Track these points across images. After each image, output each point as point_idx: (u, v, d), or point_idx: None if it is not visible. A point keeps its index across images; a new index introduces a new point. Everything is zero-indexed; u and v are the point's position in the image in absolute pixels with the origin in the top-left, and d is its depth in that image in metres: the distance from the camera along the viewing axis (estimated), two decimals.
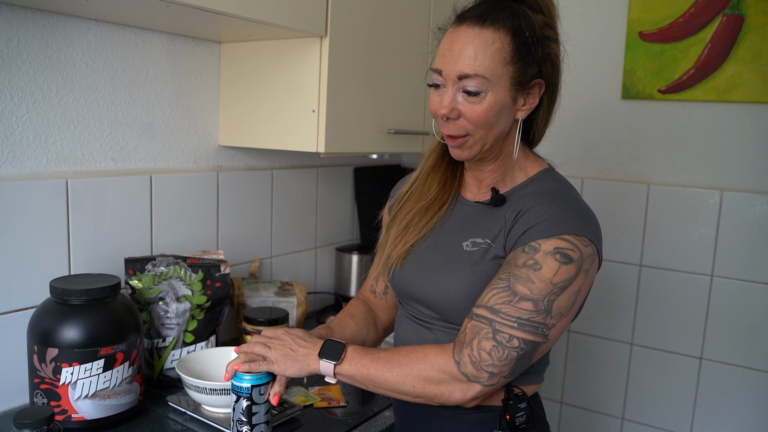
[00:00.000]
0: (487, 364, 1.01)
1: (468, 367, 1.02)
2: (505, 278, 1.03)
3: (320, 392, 1.52)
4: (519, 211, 1.09)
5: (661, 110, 2.17)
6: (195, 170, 1.74)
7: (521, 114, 1.11)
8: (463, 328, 1.06)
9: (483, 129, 1.08)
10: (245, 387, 1.11)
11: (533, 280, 1.01)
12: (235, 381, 1.12)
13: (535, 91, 1.11)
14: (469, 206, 1.20)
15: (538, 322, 1.01)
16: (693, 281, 2.14)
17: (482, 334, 1.02)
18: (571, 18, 2.25)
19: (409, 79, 1.85)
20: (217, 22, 1.43)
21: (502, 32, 1.04)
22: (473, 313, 1.05)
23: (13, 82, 1.33)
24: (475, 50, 1.04)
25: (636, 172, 2.23)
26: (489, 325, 1.02)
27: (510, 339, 1.01)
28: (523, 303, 1.01)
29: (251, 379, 1.11)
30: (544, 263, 1.01)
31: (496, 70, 1.04)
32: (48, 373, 1.22)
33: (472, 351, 1.02)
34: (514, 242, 1.06)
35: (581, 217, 1.06)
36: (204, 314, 1.52)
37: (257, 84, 1.69)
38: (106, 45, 1.49)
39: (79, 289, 1.25)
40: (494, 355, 1.01)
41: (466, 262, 1.12)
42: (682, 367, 2.19)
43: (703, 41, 2.06)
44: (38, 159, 1.40)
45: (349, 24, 1.60)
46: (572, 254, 1.02)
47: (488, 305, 1.03)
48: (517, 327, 1.01)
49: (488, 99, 1.05)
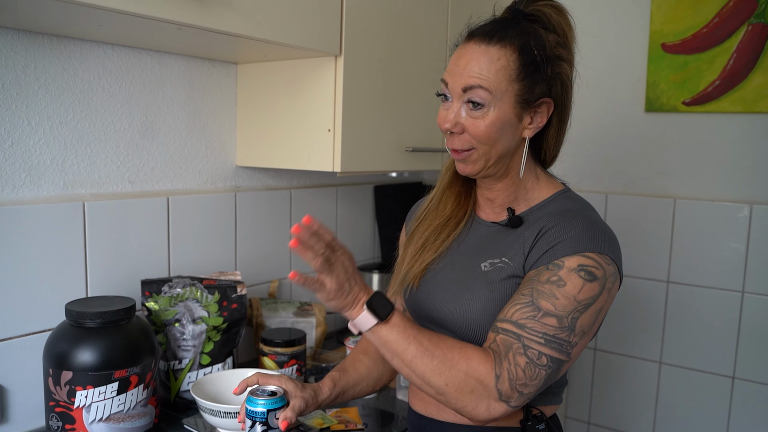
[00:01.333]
0: (520, 383, 0.98)
1: (505, 384, 0.98)
2: (528, 294, 1.01)
3: (337, 415, 1.49)
4: (539, 230, 1.07)
5: (686, 122, 2.12)
6: (212, 191, 1.74)
7: (528, 132, 1.10)
8: (491, 339, 1.02)
9: (486, 144, 1.07)
10: (260, 411, 1.09)
11: (557, 296, 0.99)
12: (250, 405, 1.10)
13: (543, 110, 1.09)
14: (485, 226, 1.18)
15: (562, 339, 0.99)
16: (723, 298, 2.08)
17: (515, 349, 0.99)
18: (593, 32, 2.24)
19: (426, 96, 1.84)
20: (231, 43, 1.44)
21: (509, 50, 1.04)
22: (498, 327, 1.01)
23: (30, 107, 1.35)
24: (479, 66, 1.04)
25: (661, 187, 2.18)
26: (518, 340, 0.99)
27: (539, 356, 0.98)
28: (548, 319, 0.98)
29: (266, 404, 1.09)
30: (568, 280, 0.99)
31: (500, 86, 1.03)
32: (63, 396, 1.22)
33: (510, 365, 0.98)
34: (535, 261, 1.04)
35: (603, 235, 1.05)
36: (220, 336, 1.51)
37: (273, 104, 1.69)
38: (122, 68, 1.51)
39: (94, 312, 1.25)
40: (527, 373, 0.98)
41: (482, 281, 1.10)
42: (714, 387, 2.12)
43: (728, 51, 2.01)
44: (55, 182, 1.41)
45: (363, 42, 1.60)
46: (596, 272, 1.00)
47: (512, 320, 1.00)
48: (544, 343, 0.98)
49: (491, 114, 1.05)
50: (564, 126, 1.14)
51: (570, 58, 1.10)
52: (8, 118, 1.32)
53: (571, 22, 1.11)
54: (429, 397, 1.18)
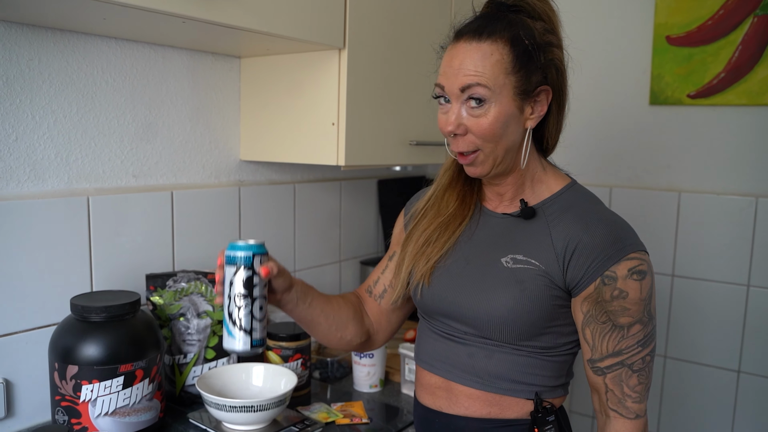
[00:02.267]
0: (645, 391, 1.08)
1: (639, 407, 1.08)
2: (606, 320, 1.06)
3: (342, 408, 1.50)
4: (568, 240, 1.07)
5: (691, 115, 2.11)
6: (216, 185, 1.74)
7: (531, 123, 1.09)
8: (602, 388, 1.09)
9: (491, 142, 1.06)
10: (245, 256, 1.02)
11: (628, 307, 1.05)
12: (232, 251, 1.03)
13: (542, 98, 1.08)
14: (496, 218, 1.17)
15: (649, 333, 1.07)
16: (728, 291, 2.07)
17: (624, 378, 1.07)
18: (597, 24, 2.23)
19: (430, 89, 1.82)
20: (235, 36, 1.43)
21: (500, 43, 1.03)
22: (601, 369, 1.08)
23: (34, 101, 1.35)
24: (474, 63, 1.03)
25: (666, 180, 2.18)
26: (622, 366, 1.06)
27: (642, 361, 1.07)
28: (633, 329, 1.05)
29: (251, 248, 1.03)
30: (627, 288, 1.04)
31: (498, 81, 1.03)
32: (68, 390, 1.22)
33: (632, 395, 1.07)
34: (582, 275, 1.06)
35: (628, 230, 1.09)
36: None
37: (277, 98, 1.69)
38: (126, 62, 1.50)
39: (99, 306, 1.25)
40: (642, 380, 1.07)
41: (512, 279, 1.09)
42: (719, 381, 2.12)
43: (734, 44, 2.00)
44: (60, 177, 1.41)
45: (367, 35, 1.59)
46: (643, 268, 1.06)
47: (610, 352, 1.07)
48: (642, 349, 1.06)
49: (493, 110, 1.04)
50: (563, 112, 1.13)
51: (559, 43, 1.10)
52: (12, 113, 1.31)
53: (554, 7, 1.11)
54: (437, 390, 1.19)
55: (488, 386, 1.12)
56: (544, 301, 1.07)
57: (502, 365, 1.11)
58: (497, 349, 1.11)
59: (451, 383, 1.16)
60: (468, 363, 1.14)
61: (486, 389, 1.12)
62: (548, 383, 1.12)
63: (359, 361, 1.63)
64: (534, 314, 1.07)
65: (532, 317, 1.07)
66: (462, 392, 1.15)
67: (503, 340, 1.10)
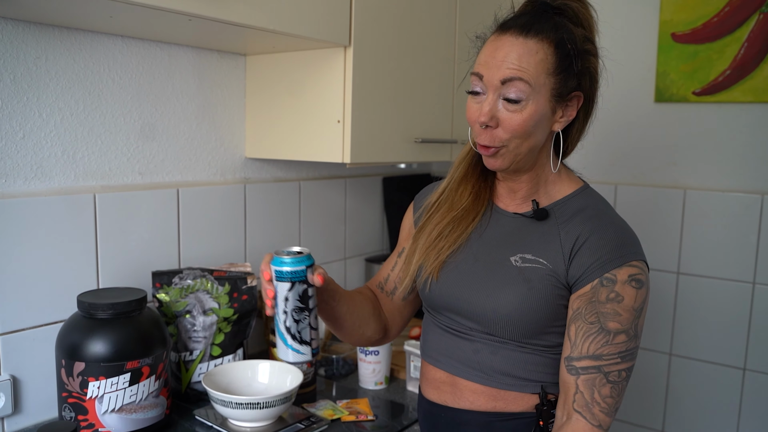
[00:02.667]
0: (612, 408, 1.05)
1: (605, 420, 1.04)
2: (595, 320, 1.05)
3: (348, 406, 1.50)
4: (576, 238, 1.08)
5: (696, 113, 2.11)
6: (222, 183, 1.75)
7: (558, 126, 1.10)
8: (572, 388, 1.05)
9: (519, 139, 1.06)
10: (300, 271, 1.01)
11: (620, 313, 1.04)
12: (286, 266, 1.01)
13: (574, 103, 1.09)
14: (508, 217, 1.18)
15: (632, 348, 1.06)
16: (734, 289, 2.07)
17: (597, 383, 1.04)
18: (602, 21, 2.22)
19: (435, 86, 1.83)
20: (241, 34, 1.44)
21: (546, 43, 1.04)
22: (576, 368, 1.05)
23: (41, 99, 1.35)
24: (519, 57, 1.03)
25: (671, 177, 2.17)
26: (598, 372, 1.04)
27: (619, 374, 1.05)
28: (618, 337, 1.04)
29: (303, 261, 1.02)
30: (624, 293, 1.04)
31: (539, 79, 1.03)
32: (75, 387, 1.23)
33: (600, 404, 1.04)
34: (582, 272, 1.06)
35: (635, 239, 1.09)
36: (231, 327, 1.52)
37: (283, 95, 1.69)
38: (132, 60, 1.51)
39: (106, 303, 1.26)
40: (614, 394, 1.05)
41: (519, 278, 1.10)
42: (725, 379, 2.11)
43: (739, 41, 1.99)
44: (66, 174, 1.41)
45: (373, 33, 1.59)
46: (642, 278, 1.06)
47: (590, 354, 1.05)
48: (621, 361, 1.05)
49: (529, 108, 1.04)
50: (588, 119, 1.14)
51: (596, 52, 1.11)
52: (20, 110, 1.32)
53: (594, 16, 1.12)
54: (442, 385, 1.19)
55: (493, 382, 1.13)
56: (550, 300, 1.08)
57: (507, 362, 1.12)
58: (502, 345, 1.12)
59: (456, 378, 1.17)
60: (473, 359, 1.14)
61: (490, 384, 1.13)
62: (553, 379, 1.13)
63: (364, 358, 1.63)
64: (540, 313, 1.08)
65: (538, 316, 1.08)
66: (467, 387, 1.15)
67: (508, 337, 1.11)
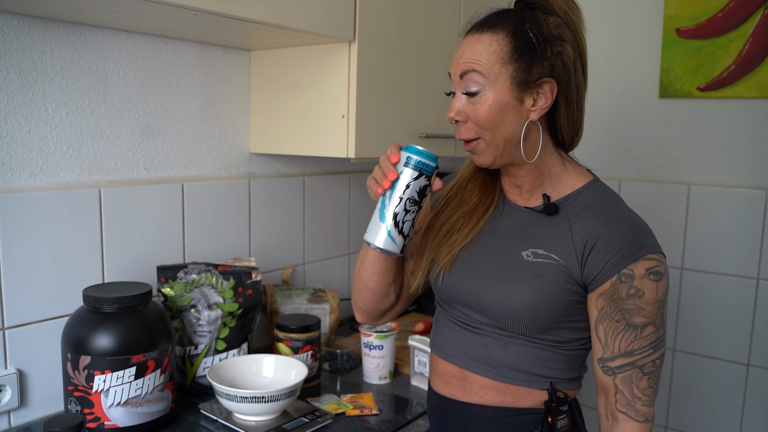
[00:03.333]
0: (653, 395, 1.08)
1: (648, 411, 1.07)
2: (620, 318, 1.06)
3: (352, 400, 1.50)
4: (588, 235, 1.07)
5: (700, 108, 2.11)
6: (226, 178, 1.75)
7: (534, 115, 1.08)
8: (611, 389, 1.08)
9: (488, 130, 1.08)
10: (431, 165, 1.05)
11: (643, 307, 1.05)
12: (419, 156, 1.04)
13: (546, 90, 1.08)
14: (519, 211, 1.18)
15: (660, 336, 1.08)
16: (738, 284, 2.07)
17: (635, 379, 1.06)
18: (607, 17, 2.22)
19: (439, 82, 1.83)
20: (245, 29, 1.44)
21: (501, 34, 1.06)
22: (612, 368, 1.07)
23: (47, 94, 1.36)
24: (472, 52, 1.08)
25: (675, 173, 2.17)
26: (633, 368, 1.06)
27: (653, 364, 1.07)
28: (646, 330, 1.06)
29: (436, 159, 1.05)
30: (644, 287, 1.05)
31: (493, 68, 1.06)
32: (81, 380, 1.23)
33: (641, 398, 1.07)
34: (599, 270, 1.06)
35: (649, 232, 1.10)
36: (236, 322, 1.52)
37: (287, 90, 1.69)
38: (137, 55, 1.51)
39: (111, 297, 1.26)
40: (651, 384, 1.07)
41: (531, 272, 1.10)
42: (729, 375, 2.12)
43: (744, 36, 1.99)
44: (72, 169, 1.42)
45: (377, 28, 1.59)
46: (660, 269, 1.07)
47: (622, 352, 1.07)
48: (653, 351, 1.07)
49: (487, 98, 1.07)
50: (572, 106, 1.11)
51: (575, 39, 1.09)
52: (25, 105, 1.32)
53: (574, 4, 1.11)
54: (452, 379, 1.19)
55: (502, 376, 1.13)
56: (561, 296, 1.08)
57: (517, 357, 1.12)
58: (512, 340, 1.12)
59: (466, 372, 1.17)
60: (483, 353, 1.14)
61: (500, 379, 1.13)
62: (562, 375, 1.13)
63: (369, 353, 1.64)
64: (551, 308, 1.08)
65: (549, 311, 1.08)
66: (476, 381, 1.16)
67: (519, 332, 1.11)
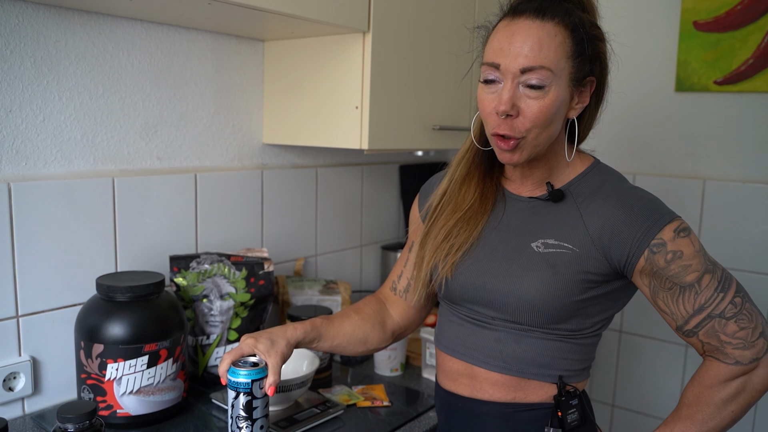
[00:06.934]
0: (750, 335, 1.03)
1: (747, 354, 1.03)
2: (671, 285, 1.04)
3: (364, 391, 1.50)
4: (603, 221, 1.06)
5: (717, 102, 2.08)
6: (239, 168, 1.75)
7: (573, 113, 1.08)
8: (698, 345, 1.07)
9: (539, 128, 1.03)
10: (244, 383, 1.08)
11: (689, 264, 1.03)
12: (233, 377, 1.09)
13: (587, 89, 1.08)
14: (522, 202, 1.16)
15: (721, 276, 1.04)
16: (753, 280, 2.05)
17: (718, 328, 1.03)
18: (622, 9, 2.19)
19: (453, 74, 1.82)
20: (259, 19, 1.43)
21: (562, 26, 1.01)
22: (691, 330, 1.05)
23: (61, 83, 1.36)
24: (540, 42, 1.00)
25: (691, 168, 2.15)
26: (711, 319, 1.03)
27: (733, 304, 1.03)
28: (704, 280, 1.03)
29: (250, 374, 1.08)
30: (679, 246, 1.03)
31: (560, 64, 1.01)
32: (94, 368, 1.24)
33: (732, 342, 1.03)
34: (627, 253, 1.04)
35: (660, 203, 1.08)
36: (248, 312, 1.52)
37: (300, 81, 1.69)
38: (151, 45, 1.51)
39: (124, 286, 1.27)
40: (742, 324, 1.03)
41: (543, 263, 1.08)
42: None
43: (763, 29, 1.96)
44: (86, 158, 1.42)
45: (391, 19, 1.58)
46: (685, 225, 1.05)
47: (692, 313, 1.04)
48: (723, 294, 1.03)
49: (551, 94, 1.01)
50: (599, 105, 1.12)
51: (603, 37, 1.09)
52: (40, 94, 1.33)
53: (595, 1, 1.10)
54: (460, 377, 1.18)
55: (514, 371, 1.12)
56: (575, 284, 1.06)
57: (531, 349, 1.11)
58: (526, 333, 1.11)
59: (475, 369, 1.16)
60: (495, 348, 1.13)
61: (512, 374, 1.12)
62: (574, 366, 1.12)
63: None
64: (565, 298, 1.06)
65: (564, 301, 1.07)
66: (486, 378, 1.14)
67: (533, 324, 1.09)
